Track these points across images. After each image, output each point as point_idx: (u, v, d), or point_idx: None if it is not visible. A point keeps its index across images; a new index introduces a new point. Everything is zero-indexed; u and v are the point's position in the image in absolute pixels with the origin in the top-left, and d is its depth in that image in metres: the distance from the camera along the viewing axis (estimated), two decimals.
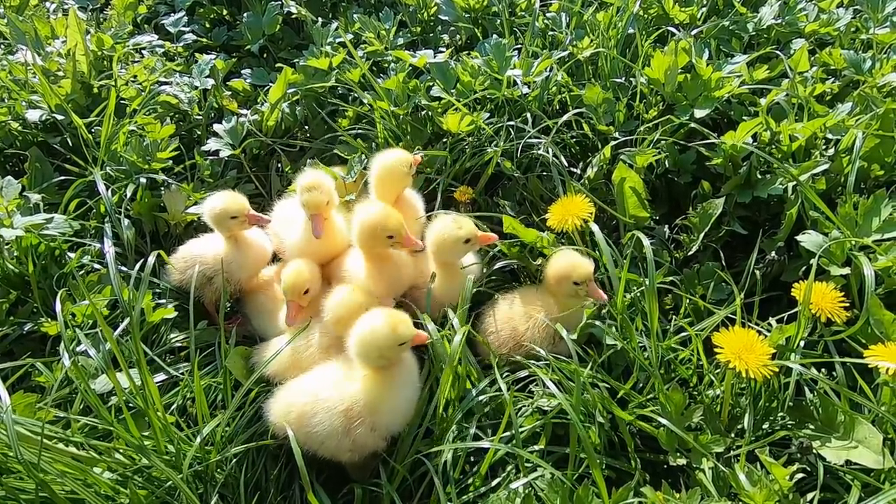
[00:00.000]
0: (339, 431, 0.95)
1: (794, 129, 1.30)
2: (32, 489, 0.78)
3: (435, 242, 1.19)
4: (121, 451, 0.92)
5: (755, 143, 1.32)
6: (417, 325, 1.05)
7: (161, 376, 1.11)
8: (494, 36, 1.63)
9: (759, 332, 0.99)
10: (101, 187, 1.33)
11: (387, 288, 1.17)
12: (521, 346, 1.12)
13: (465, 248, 1.18)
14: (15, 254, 1.23)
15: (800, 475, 0.88)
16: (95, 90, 1.61)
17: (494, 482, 0.95)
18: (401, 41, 1.74)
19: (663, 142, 1.40)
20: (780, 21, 1.65)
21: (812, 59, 1.51)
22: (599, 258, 1.19)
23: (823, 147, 1.33)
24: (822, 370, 1.06)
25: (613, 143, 1.41)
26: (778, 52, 1.53)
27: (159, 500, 0.90)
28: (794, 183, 1.24)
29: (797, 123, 1.31)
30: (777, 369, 0.96)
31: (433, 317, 1.12)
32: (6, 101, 1.54)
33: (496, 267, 1.29)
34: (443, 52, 1.63)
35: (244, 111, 1.60)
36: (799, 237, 1.14)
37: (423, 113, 1.54)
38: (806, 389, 1.03)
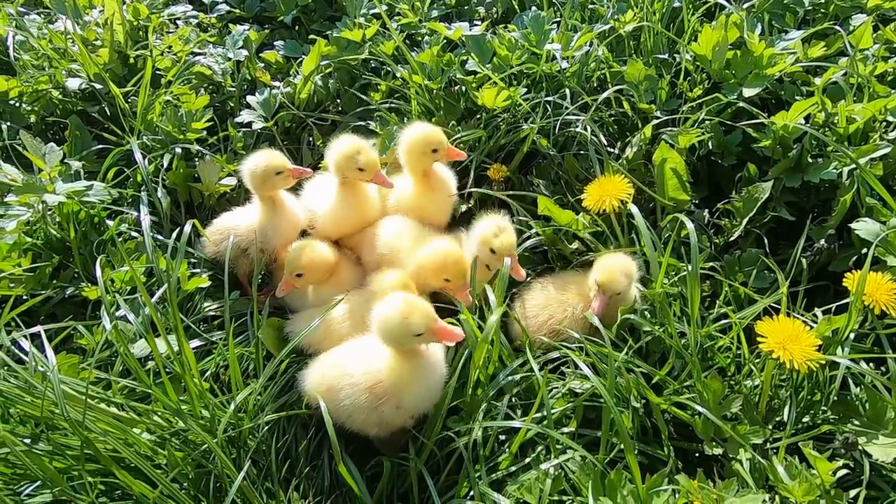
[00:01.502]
0: (364, 407, 0.95)
1: (853, 111, 1.22)
2: (77, 446, 0.81)
3: (475, 241, 1.15)
4: (158, 413, 0.95)
5: (808, 125, 1.25)
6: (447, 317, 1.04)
7: (194, 343, 1.13)
8: (533, 8, 1.58)
9: (805, 323, 0.95)
10: (139, 156, 1.34)
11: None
12: (558, 333, 1.10)
13: (494, 261, 1.13)
14: (57, 219, 1.26)
15: (843, 471, 0.85)
16: (132, 60, 1.62)
17: (524, 462, 0.94)
18: (435, 13, 1.69)
19: (708, 122, 1.34)
20: None
21: (874, 35, 1.42)
22: (637, 242, 1.15)
23: (883, 130, 1.25)
24: (871, 364, 1.01)
25: (654, 122, 1.35)
26: (837, 27, 1.43)
27: (195, 462, 0.92)
28: (850, 167, 1.17)
29: (856, 104, 1.23)
30: (823, 361, 0.92)
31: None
32: (47, 69, 1.56)
33: (527, 244, 1.26)
34: (478, 24, 1.58)
35: (277, 83, 1.59)
36: (853, 225, 1.08)
37: (456, 88, 1.51)
38: (851, 384, 0.99)
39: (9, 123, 1.45)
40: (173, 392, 0.92)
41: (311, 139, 1.57)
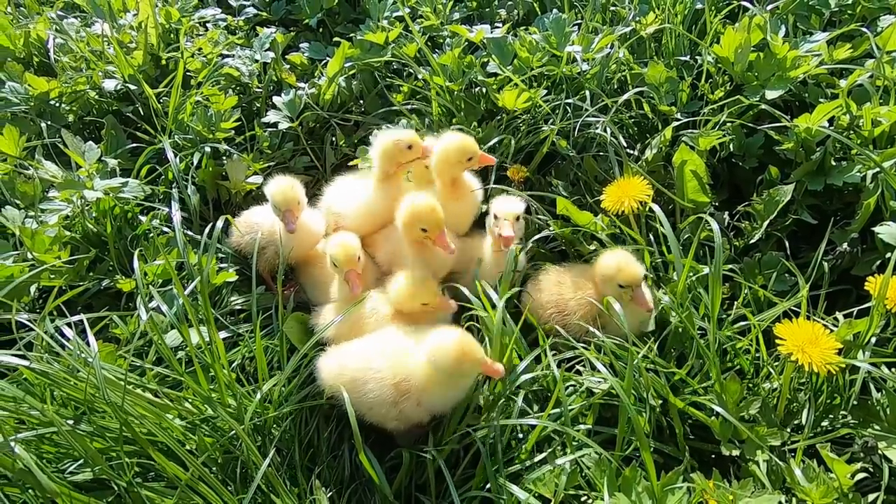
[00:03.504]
0: (387, 402, 0.98)
1: (878, 113, 1.21)
2: (115, 428, 0.85)
3: None
4: (189, 400, 0.99)
5: (832, 128, 1.25)
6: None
7: (222, 335, 1.17)
8: (554, 10, 1.59)
9: (825, 327, 0.95)
10: (170, 155, 1.40)
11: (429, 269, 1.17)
12: (563, 316, 1.12)
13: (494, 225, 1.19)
14: (94, 215, 1.32)
15: (862, 475, 0.85)
16: (164, 62, 1.68)
17: (539, 457, 0.96)
18: (457, 16, 1.72)
19: (729, 124, 1.33)
20: None
21: None
22: (661, 242, 1.16)
23: None
24: (892, 370, 1.00)
25: (675, 124, 1.36)
26: (864, 28, 1.41)
27: (223, 448, 0.96)
28: (874, 171, 1.16)
29: (882, 107, 1.22)
30: (843, 365, 0.92)
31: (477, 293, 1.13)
32: (84, 71, 1.63)
33: (539, 236, 1.28)
34: (500, 27, 1.60)
35: (302, 84, 1.63)
36: (876, 228, 1.07)
37: (477, 89, 1.53)
38: (872, 388, 0.99)
39: (49, 122, 1.52)
40: (204, 380, 0.96)
41: (334, 139, 1.61)
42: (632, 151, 1.42)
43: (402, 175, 1.28)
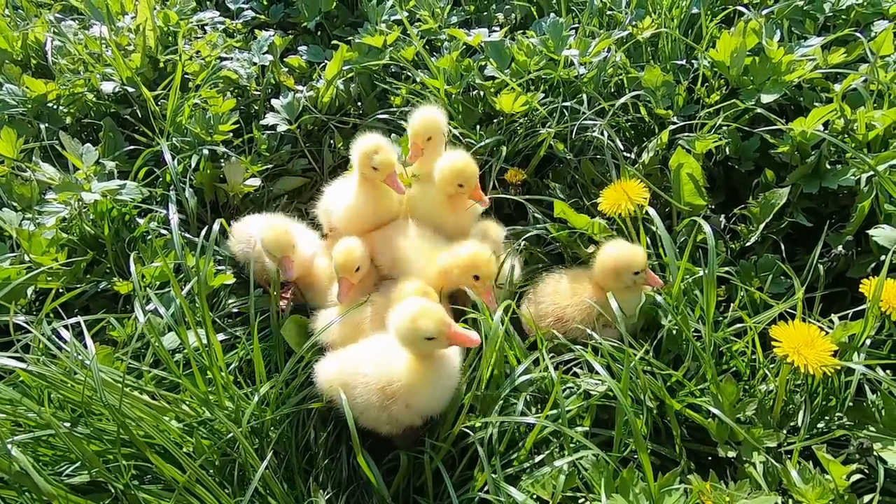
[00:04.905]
0: (375, 406, 0.97)
1: (872, 117, 1.22)
2: (113, 431, 0.85)
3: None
4: (187, 402, 0.99)
5: (826, 131, 1.26)
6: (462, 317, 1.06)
7: (219, 337, 1.17)
8: (551, 14, 1.60)
9: (820, 329, 0.95)
10: (168, 157, 1.40)
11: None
12: (563, 323, 1.12)
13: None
14: (91, 217, 1.31)
15: (857, 476, 0.86)
16: (162, 64, 1.68)
17: (538, 459, 0.96)
18: (455, 20, 1.73)
19: (725, 128, 1.34)
20: (860, 1, 1.54)
21: None
22: (657, 245, 1.16)
23: None
24: (887, 371, 1.01)
25: (671, 127, 1.37)
26: (857, 34, 1.43)
27: (220, 450, 0.96)
28: (868, 174, 1.17)
29: (875, 111, 1.23)
30: (839, 367, 0.92)
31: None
32: (82, 73, 1.63)
33: (527, 234, 1.28)
34: (497, 30, 1.61)
35: (300, 87, 1.63)
36: (871, 231, 1.08)
37: (475, 93, 1.54)
38: (867, 390, 0.99)
39: (46, 124, 1.52)
40: (202, 383, 0.96)
41: (332, 142, 1.61)
42: (628, 154, 1.43)
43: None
